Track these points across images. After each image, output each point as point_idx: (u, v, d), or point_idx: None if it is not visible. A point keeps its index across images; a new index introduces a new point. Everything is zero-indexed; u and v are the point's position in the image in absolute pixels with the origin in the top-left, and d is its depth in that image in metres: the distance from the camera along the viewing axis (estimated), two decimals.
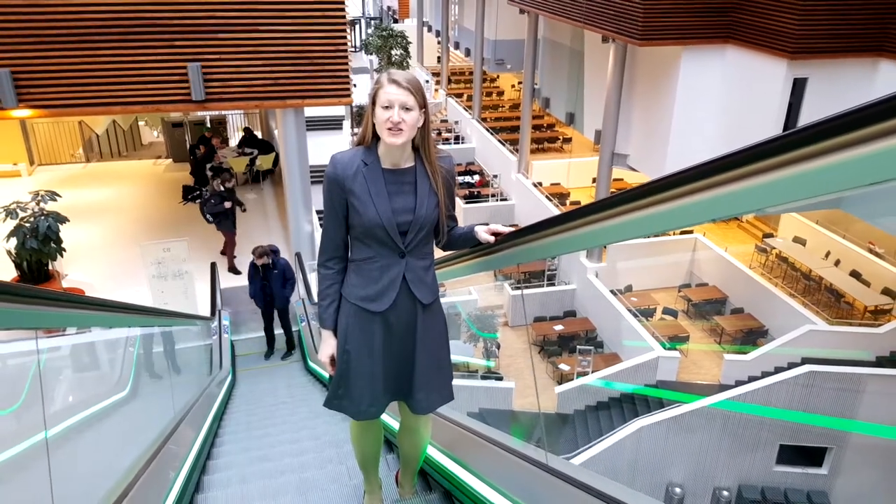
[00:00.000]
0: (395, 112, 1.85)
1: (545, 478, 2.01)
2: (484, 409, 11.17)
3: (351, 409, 2.13)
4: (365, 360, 2.08)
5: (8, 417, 2.26)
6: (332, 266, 2.10)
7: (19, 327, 1.71)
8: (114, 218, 11.22)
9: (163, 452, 3.09)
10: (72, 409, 2.85)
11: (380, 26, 28.51)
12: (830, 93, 10.39)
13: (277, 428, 4.93)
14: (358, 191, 1.96)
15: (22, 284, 1.68)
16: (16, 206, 6.74)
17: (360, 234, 2.01)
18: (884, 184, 0.78)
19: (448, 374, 2.25)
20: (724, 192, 1.03)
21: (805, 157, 0.88)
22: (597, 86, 14.32)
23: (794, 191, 0.91)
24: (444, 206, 2.07)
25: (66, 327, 2.76)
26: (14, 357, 2.40)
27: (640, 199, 1.23)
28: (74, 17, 6.93)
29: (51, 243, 6.67)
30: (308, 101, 7.53)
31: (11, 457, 2.12)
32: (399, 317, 2.07)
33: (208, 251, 9.69)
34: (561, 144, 21.29)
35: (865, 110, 0.78)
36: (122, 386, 3.82)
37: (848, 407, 9.91)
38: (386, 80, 1.89)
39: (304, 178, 8.79)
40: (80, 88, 7.14)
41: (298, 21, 7.23)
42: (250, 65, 7.30)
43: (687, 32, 11.14)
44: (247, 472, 3.55)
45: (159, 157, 14.18)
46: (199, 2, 7.05)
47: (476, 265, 2.34)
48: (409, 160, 2.01)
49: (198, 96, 7.16)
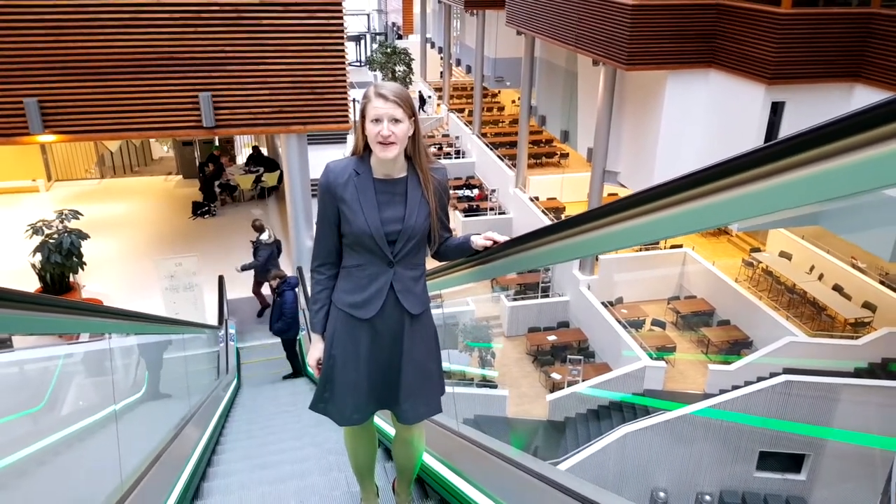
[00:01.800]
0: (385, 126, 1.87)
1: (541, 487, 2.02)
2: (479, 416, 11.68)
3: (335, 414, 2.15)
4: (350, 366, 2.10)
5: (36, 414, 2.68)
6: (324, 272, 2.13)
7: (77, 331, 2.24)
8: (127, 232, 11.84)
9: (166, 454, 3.21)
10: (96, 408, 3.27)
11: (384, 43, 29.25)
12: (808, 115, 10.88)
13: (277, 436, 4.97)
14: (349, 199, 1.98)
15: (63, 298, 2.12)
16: (42, 224, 7.36)
17: (350, 242, 2.04)
18: (846, 199, 0.82)
19: (437, 386, 2.23)
20: (692, 207, 1.10)
21: (764, 175, 0.93)
22: (589, 105, 14.89)
23: (759, 205, 0.95)
24: (436, 216, 2.08)
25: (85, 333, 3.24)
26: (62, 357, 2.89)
27: (624, 211, 1.28)
28: (95, 51, 7.57)
29: (73, 257, 7.28)
30: (309, 127, 8.15)
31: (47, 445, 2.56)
32: (386, 325, 2.08)
33: (216, 265, 10.28)
34: (559, 159, 21.87)
35: (816, 132, 0.84)
36: (137, 388, 4.33)
37: (823, 415, 10.36)
38: (373, 94, 1.90)
39: (306, 196, 9.39)
40: (99, 116, 7.77)
41: (301, 54, 7.86)
42: (256, 94, 7.93)
43: (671, 58, 11.70)
44: (246, 479, 3.55)
45: (170, 174, 14.84)
46: (210, 36, 7.68)
47: (471, 274, 2.34)
48: (401, 170, 2.03)
49: (208, 123, 7.78)
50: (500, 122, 25.91)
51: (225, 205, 12.97)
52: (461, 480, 2.49)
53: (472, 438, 2.68)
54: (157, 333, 4.07)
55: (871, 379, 10.90)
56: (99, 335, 3.13)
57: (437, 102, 27.18)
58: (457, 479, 2.52)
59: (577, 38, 13.41)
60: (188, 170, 14.33)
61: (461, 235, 2.17)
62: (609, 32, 12.09)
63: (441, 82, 27.29)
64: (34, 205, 12.58)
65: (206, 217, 12.36)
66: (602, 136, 13.65)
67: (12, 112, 7.55)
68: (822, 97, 10.79)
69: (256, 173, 13.17)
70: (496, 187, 19.84)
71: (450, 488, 2.53)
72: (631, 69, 11.83)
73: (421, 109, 24.78)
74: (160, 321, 4.17)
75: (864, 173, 0.78)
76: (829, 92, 10.78)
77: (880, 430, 9.52)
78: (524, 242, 1.85)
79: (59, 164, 14.29)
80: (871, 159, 0.77)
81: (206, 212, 12.39)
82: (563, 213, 17.70)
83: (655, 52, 11.64)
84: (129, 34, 7.51)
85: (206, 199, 12.58)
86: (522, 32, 16.87)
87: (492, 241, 2.06)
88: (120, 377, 3.75)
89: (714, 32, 11.54)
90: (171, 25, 7.56)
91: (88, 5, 7.34)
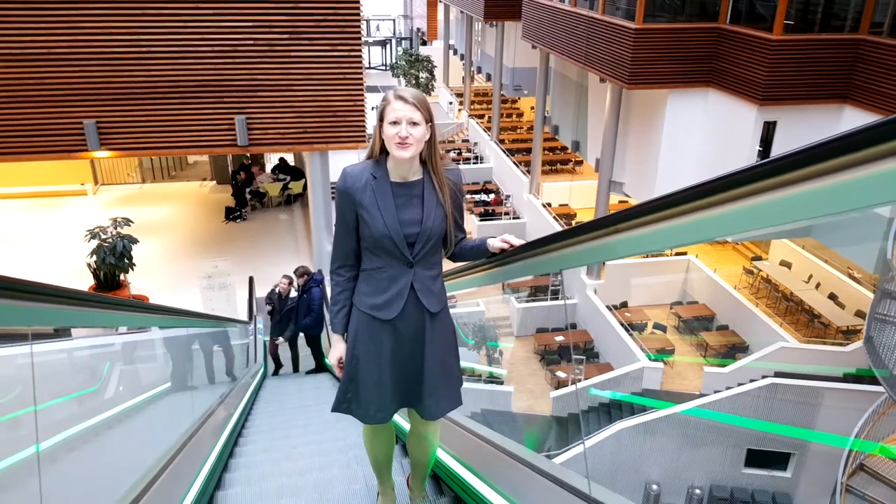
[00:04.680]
0: (403, 127, 1.92)
1: (551, 487, 2.04)
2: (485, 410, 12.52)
3: (359, 412, 2.18)
4: (373, 366, 2.13)
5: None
6: (343, 273, 2.18)
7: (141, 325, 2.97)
8: (167, 233, 12.97)
9: (195, 438, 3.31)
10: (143, 390, 3.51)
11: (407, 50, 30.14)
12: (799, 134, 11.46)
13: (300, 429, 5.02)
14: (367, 203, 2.01)
15: (132, 299, 2.84)
16: (98, 230, 8.47)
17: (369, 245, 2.07)
18: (829, 217, 0.86)
19: (456, 380, 2.28)
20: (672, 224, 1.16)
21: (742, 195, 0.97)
22: (598, 118, 15.58)
23: (745, 221, 0.99)
24: (451, 218, 2.10)
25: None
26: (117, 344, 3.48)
27: (629, 221, 1.32)
28: (145, 79, 8.66)
29: (124, 259, 8.38)
30: (330, 146, 9.15)
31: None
32: (407, 325, 2.12)
33: (246, 266, 11.33)
34: (573, 166, 22.57)
35: (795, 155, 0.87)
36: (183, 373, 5.16)
37: (806, 417, 10.99)
38: (392, 97, 1.95)
39: (327, 204, 10.40)
40: (148, 134, 8.87)
41: (324, 82, 8.86)
42: (284, 116, 8.95)
43: (671, 77, 12.37)
44: (268, 470, 3.60)
45: (205, 179, 15.99)
46: (245, 66, 8.71)
47: (485, 277, 2.37)
48: (416, 173, 2.06)
49: (242, 142, 8.82)
50: (519, 128, 26.62)
51: (254, 210, 14.08)
52: (476, 479, 2.48)
53: (488, 438, 2.70)
54: (205, 328, 4.96)
55: (855, 384, 11.47)
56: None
57: (459, 108, 28.00)
58: (472, 477, 2.52)
59: (586, 55, 14.16)
60: (222, 176, 15.47)
61: (477, 238, 2.21)
62: (614, 53, 12.82)
63: (462, 88, 28.11)
64: (83, 207, 13.82)
65: (237, 221, 13.48)
66: (608, 148, 14.32)
67: (73, 131, 8.68)
68: (813, 117, 11.28)
69: (284, 181, 14.24)
70: (511, 193, 20.60)
71: (466, 487, 2.52)
72: (633, 88, 12.56)
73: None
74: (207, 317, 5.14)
75: (844, 194, 0.81)
76: (820, 112, 11.24)
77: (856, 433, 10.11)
78: (538, 247, 1.89)
79: (105, 170, 15.51)
80: (854, 181, 0.79)
81: (238, 216, 13.50)
82: (574, 219, 18.40)
83: (656, 72, 12.31)
84: (175, 64, 8.58)
85: (237, 205, 13.69)
86: (537, 47, 17.67)
87: (508, 244, 2.11)
88: (163, 364, 4.09)
89: (712, 54, 12.16)
90: (211, 56, 8.62)
91: (141, 40, 8.42)
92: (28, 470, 2.01)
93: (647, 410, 11.91)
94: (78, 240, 9.05)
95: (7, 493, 2.08)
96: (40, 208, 13.87)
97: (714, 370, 12.70)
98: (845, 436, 10.25)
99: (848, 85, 11.05)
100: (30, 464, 1.93)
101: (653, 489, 11.75)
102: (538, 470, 2.17)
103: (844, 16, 11.44)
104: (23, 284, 1.35)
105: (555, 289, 16.51)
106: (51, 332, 2.97)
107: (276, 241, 12.05)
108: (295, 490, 3.07)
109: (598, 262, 14.46)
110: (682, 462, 11.57)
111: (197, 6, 8.32)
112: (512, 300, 15.95)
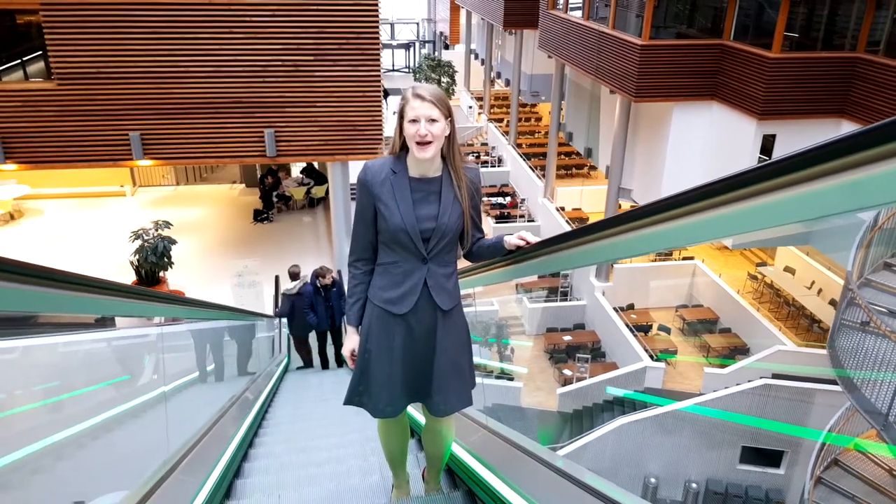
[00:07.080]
0: (422, 125, 1.95)
1: (563, 484, 2.05)
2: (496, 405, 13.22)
3: (370, 405, 2.20)
4: (384, 360, 2.15)
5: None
6: (360, 267, 2.19)
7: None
8: (200, 233, 13.91)
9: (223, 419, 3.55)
10: (179, 376, 3.62)
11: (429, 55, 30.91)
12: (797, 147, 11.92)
13: (319, 422, 5.08)
14: (385, 197, 2.04)
15: (171, 293, 3.46)
16: (142, 232, 9.42)
17: (386, 239, 2.10)
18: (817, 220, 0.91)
19: (468, 379, 2.27)
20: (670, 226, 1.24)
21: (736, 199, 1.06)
22: (609, 127, 16.16)
23: (737, 224, 1.07)
24: (468, 216, 2.12)
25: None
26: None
27: (638, 220, 1.36)
28: (185, 95, 9.57)
29: (164, 258, 9.31)
30: (350, 157, 10.00)
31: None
32: (420, 320, 2.13)
33: (273, 266, 12.17)
34: (588, 171, 23.12)
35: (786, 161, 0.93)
36: (217, 363, 5.92)
37: (799, 415, 11.50)
38: (411, 95, 1.98)
39: (347, 209, 11.22)
40: (187, 145, 9.78)
41: (345, 98, 9.69)
42: (308, 130, 9.81)
43: (676, 91, 12.92)
44: (286, 461, 3.66)
45: (234, 182, 16.97)
46: (273, 84, 9.59)
47: (500, 274, 2.38)
48: (436, 170, 2.08)
49: (271, 153, 9.70)
50: (537, 132, 27.18)
51: (280, 212, 15.00)
52: (489, 473, 2.50)
53: (501, 433, 2.75)
54: (242, 321, 5.77)
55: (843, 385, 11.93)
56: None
57: (479, 112, 28.67)
58: (485, 471, 2.53)
59: (597, 68, 14.79)
60: (250, 179, 16.42)
61: (493, 236, 2.22)
62: (622, 66, 13.43)
63: (483, 93, 28.77)
64: (123, 208, 14.88)
65: (264, 223, 14.42)
66: (617, 156, 14.88)
67: (119, 142, 9.62)
68: (811, 131, 11.66)
69: (308, 185, 15.13)
70: (526, 196, 21.21)
71: (480, 481, 2.53)
72: (640, 101, 13.16)
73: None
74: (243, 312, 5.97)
75: (828, 198, 0.86)
76: (818, 127, 11.62)
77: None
78: (554, 244, 1.92)
79: (142, 172, 16.57)
80: (855, 181, 0.83)
81: (265, 218, 14.44)
82: (585, 222, 18.96)
83: (662, 86, 12.87)
84: (211, 83, 9.48)
85: (265, 208, 14.62)
86: (552, 57, 18.32)
87: (524, 240, 2.12)
88: (198, 354, 4.37)
89: (716, 69, 12.69)
90: (243, 76, 9.51)
91: (181, 61, 9.33)
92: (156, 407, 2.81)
93: (648, 407, 12.51)
94: (119, 238, 9.99)
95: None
96: (84, 208, 14.95)
97: (714, 371, 13.23)
98: (829, 432, 10.79)
99: (845, 101, 11.47)
100: (158, 401, 2.73)
101: (651, 482, 12.37)
102: (548, 465, 2.20)
103: (845, 33, 11.87)
104: (110, 285, 1.73)
105: (564, 290, 17.17)
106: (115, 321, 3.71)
107: (299, 242, 12.92)
108: (312, 480, 3.13)
109: (612, 260, 15.11)
110: (680, 457, 12.11)
111: (231, 30, 9.22)
112: (524, 300, 16.61)
